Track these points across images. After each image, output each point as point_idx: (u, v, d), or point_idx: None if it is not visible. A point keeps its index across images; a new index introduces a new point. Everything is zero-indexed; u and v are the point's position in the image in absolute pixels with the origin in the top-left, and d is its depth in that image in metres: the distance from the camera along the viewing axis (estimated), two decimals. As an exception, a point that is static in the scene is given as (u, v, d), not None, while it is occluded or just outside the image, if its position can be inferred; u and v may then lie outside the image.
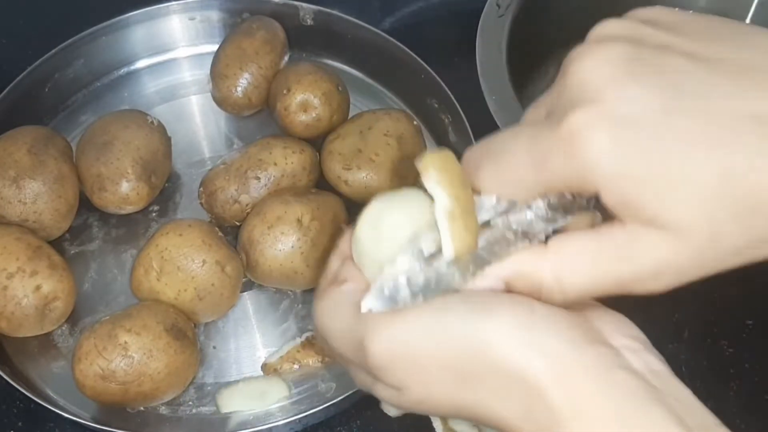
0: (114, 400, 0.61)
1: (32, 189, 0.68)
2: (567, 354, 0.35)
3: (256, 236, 0.67)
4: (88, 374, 0.60)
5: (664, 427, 0.33)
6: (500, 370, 0.35)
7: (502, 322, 0.35)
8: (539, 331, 0.35)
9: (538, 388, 0.34)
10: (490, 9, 0.76)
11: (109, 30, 0.82)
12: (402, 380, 0.38)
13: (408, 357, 0.37)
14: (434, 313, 0.37)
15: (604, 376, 0.34)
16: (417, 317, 0.37)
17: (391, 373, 0.37)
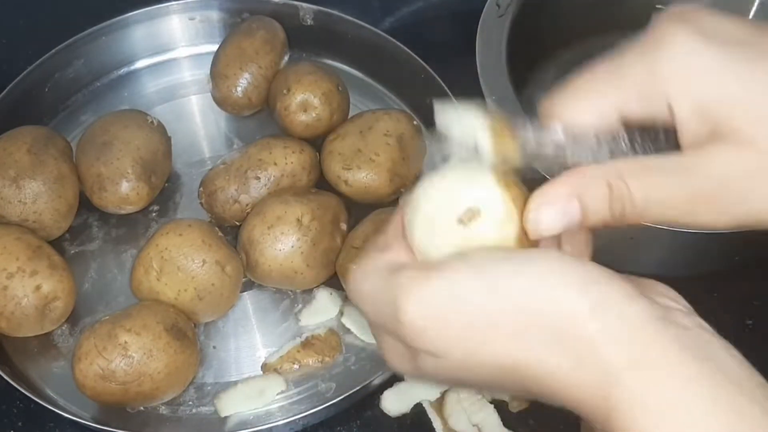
0: (114, 400, 0.61)
1: (32, 189, 0.68)
2: (622, 305, 0.34)
3: (256, 236, 0.67)
4: (88, 374, 0.60)
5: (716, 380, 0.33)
6: (553, 324, 0.34)
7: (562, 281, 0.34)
8: (594, 286, 0.34)
9: (591, 339, 0.33)
10: (490, 9, 0.76)
11: (109, 30, 0.82)
12: (441, 343, 0.36)
13: (451, 316, 0.35)
14: (477, 271, 0.35)
15: (659, 328, 0.34)
16: (458, 274, 0.35)
17: (430, 335, 0.36)
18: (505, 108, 0.68)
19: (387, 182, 0.71)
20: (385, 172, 0.71)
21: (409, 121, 0.74)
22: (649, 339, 0.33)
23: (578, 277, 0.34)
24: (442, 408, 0.65)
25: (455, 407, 0.64)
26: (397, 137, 0.72)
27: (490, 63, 0.71)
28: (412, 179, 0.74)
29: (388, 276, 0.37)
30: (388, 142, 0.72)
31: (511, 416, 0.64)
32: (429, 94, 0.78)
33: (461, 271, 0.35)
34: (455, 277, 0.35)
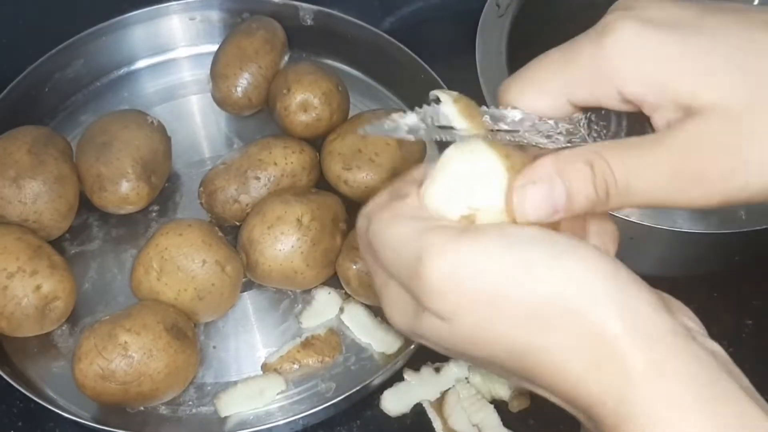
0: (114, 400, 0.61)
1: (32, 189, 0.68)
2: (645, 314, 0.34)
3: (256, 236, 0.67)
4: (88, 374, 0.60)
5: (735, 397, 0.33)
6: (577, 318, 0.33)
7: (588, 271, 0.34)
8: (624, 289, 0.34)
9: (613, 343, 0.33)
10: (490, 9, 0.76)
11: (109, 30, 0.82)
12: (456, 309, 0.35)
13: (472, 282, 0.34)
14: (513, 247, 0.35)
15: (682, 343, 0.33)
16: (491, 243, 0.35)
17: (446, 298, 0.35)
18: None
19: (387, 182, 0.71)
20: (385, 172, 0.71)
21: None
22: (671, 350, 0.33)
23: (610, 278, 0.34)
24: (441, 408, 0.65)
25: (455, 407, 0.64)
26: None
27: (490, 63, 0.72)
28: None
29: (419, 228, 0.36)
30: (388, 142, 0.72)
31: (511, 416, 0.64)
32: (428, 94, 0.78)
33: (496, 243, 0.35)
34: (489, 248, 0.35)
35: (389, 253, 0.37)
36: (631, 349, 0.33)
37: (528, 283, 0.34)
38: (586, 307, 0.33)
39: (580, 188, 0.36)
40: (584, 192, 0.36)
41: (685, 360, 0.33)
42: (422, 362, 0.66)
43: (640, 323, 0.33)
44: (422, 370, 0.66)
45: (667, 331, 0.34)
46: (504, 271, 0.34)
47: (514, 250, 0.35)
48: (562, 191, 0.36)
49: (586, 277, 0.34)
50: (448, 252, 0.35)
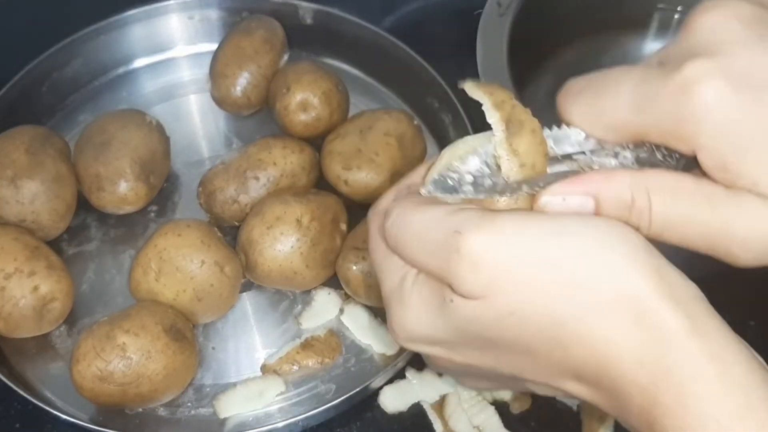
0: (112, 402, 0.61)
1: (30, 189, 0.68)
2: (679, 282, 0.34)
3: (256, 236, 0.66)
4: (86, 375, 0.60)
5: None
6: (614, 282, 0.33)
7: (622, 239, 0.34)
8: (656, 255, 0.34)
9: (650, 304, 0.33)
10: (490, 8, 0.75)
11: (108, 29, 0.81)
12: (491, 284, 0.34)
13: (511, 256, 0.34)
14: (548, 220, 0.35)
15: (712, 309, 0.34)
16: (527, 218, 0.35)
17: (485, 270, 0.34)
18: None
19: (387, 182, 0.71)
20: (385, 172, 0.71)
21: (409, 121, 0.74)
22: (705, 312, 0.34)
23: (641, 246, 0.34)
24: (442, 409, 0.64)
25: (456, 409, 0.64)
26: (397, 137, 0.72)
27: (490, 62, 0.71)
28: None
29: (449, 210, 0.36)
30: (388, 142, 0.71)
31: (512, 418, 0.64)
32: (429, 94, 0.78)
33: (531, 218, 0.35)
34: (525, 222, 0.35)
35: (416, 239, 0.36)
36: (668, 309, 0.33)
37: (565, 253, 0.34)
38: (622, 270, 0.33)
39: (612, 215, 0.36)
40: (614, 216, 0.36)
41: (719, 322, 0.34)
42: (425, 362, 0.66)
43: (674, 287, 0.34)
44: (425, 370, 0.66)
45: (697, 296, 0.34)
46: (541, 244, 0.34)
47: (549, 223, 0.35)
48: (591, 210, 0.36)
49: (620, 244, 0.34)
50: (485, 226, 0.34)
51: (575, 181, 0.36)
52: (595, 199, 0.36)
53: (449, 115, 0.76)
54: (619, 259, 0.34)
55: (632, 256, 0.34)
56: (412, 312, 0.38)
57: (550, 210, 0.36)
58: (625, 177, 0.36)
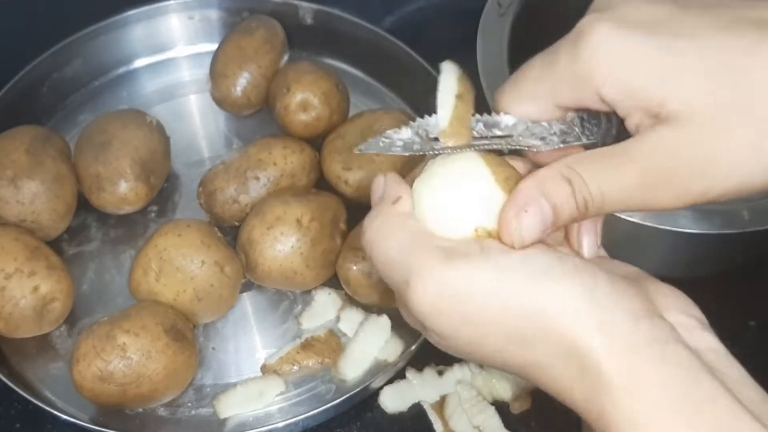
0: (112, 402, 0.61)
1: (30, 189, 0.68)
2: (624, 327, 0.35)
3: (256, 237, 0.66)
4: (86, 375, 0.60)
5: (714, 398, 0.34)
6: (557, 337, 0.35)
7: (564, 291, 0.36)
8: (600, 302, 0.35)
9: (591, 358, 0.35)
10: (491, 8, 0.75)
11: (108, 29, 0.81)
12: (446, 330, 0.37)
13: (460, 307, 0.36)
14: (497, 270, 0.36)
15: (658, 349, 0.35)
16: (477, 269, 0.36)
17: (436, 319, 0.37)
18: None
19: (387, 182, 0.71)
20: (385, 172, 0.70)
21: (409, 121, 0.74)
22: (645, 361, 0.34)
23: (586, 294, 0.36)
24: (442, 409, 0.64)
25: (456, 409, 0.64)
26: (398, 137, 0.72)
27: (491, 62, 0.71)
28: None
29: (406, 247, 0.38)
30: (388, 141, 0.71)
31: (513, 418, 0.64)
32: (429, 94, 0.78)
33: (480, 269, 0.37)
34: (473, 273, 0.37)
35: (382, 270, 0.40)
36: (608, 362, 0.34)
37: (515, 308, 0.36)
38: (565, 324, 0.35)
39: (564, 205, 0.38)
40: (567, 208, 0.38)
41: (662, 367, 0.34)
42: (426, 363, 0.66)
43: (617, 336, 0.35)
44: (425, 370, 0.66)
45: (645, 339, 0.35)
46: (491, 298, 0.36)
47: (498, 275, 0.36)
48: (549, 211, 0.38)
49: (563, 295, 0.36)
50: (433, 277, 0.37)
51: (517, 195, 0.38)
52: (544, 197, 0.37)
53: (449, 115, 0.76)
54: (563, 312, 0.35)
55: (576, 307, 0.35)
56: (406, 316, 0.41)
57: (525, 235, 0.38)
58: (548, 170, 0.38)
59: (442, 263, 0.37)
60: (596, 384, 0.35)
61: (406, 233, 0.39)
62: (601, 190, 0.37)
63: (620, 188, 0.37)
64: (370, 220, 0.41)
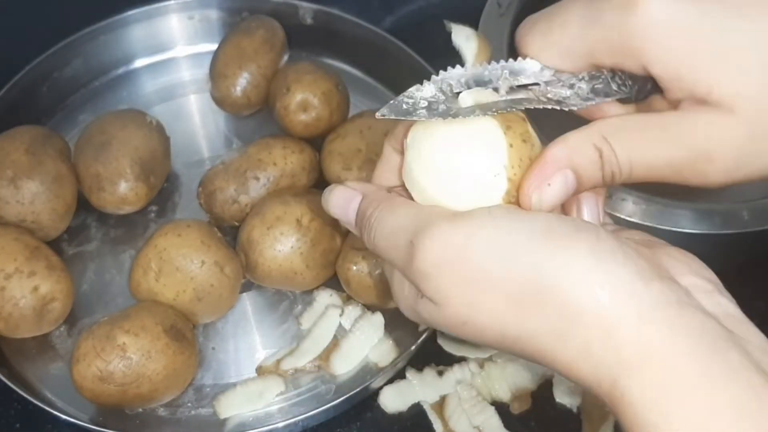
0: (112, 402, 0.61)
1: (30, 189, 0.68)
2: (636, 289, 0.32)
3: (256, 237, 0.66)
4: (87, 375, 0.60)
5: (739, 369, 0.31)
6: (564, 302, 0.33)
7: (571, 253, 0.33)
8: (608, 265, 0.33)
9: (602, 324, 0.32)
10: (490, 8, 0.75)
11: (108, 29, 0.81)
12: (445, 291, 0.35)
13: (460, 266, 0.35)
14: (498, 229, 0.35)
15: (673, 313, 0.32)
16: (479, 227, 0.35)
17: (436, 281, 0.35)
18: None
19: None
20: (385, 172, 0.71)
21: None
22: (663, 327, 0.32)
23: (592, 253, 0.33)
24: (442, 410, 0.64)
25: (456, 409, 0.64)
26: (398, 137, 0.72)
27: (490, 62, 0.71)
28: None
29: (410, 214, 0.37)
30: (388, 141, 0.71)
31: (512, 418, 0.64)
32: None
33: (484, 227, 0.35)
34: (477, 232, 0.35)
35: (384, 242, 0.38)
36: (620, 328, 0.32)
37: (513, 268, 0.34)
38: (570, 287, 0.33)
39: (590, 176, 0.36)
40: (593, 178, 0.36)
41: (678, 334, 0.31)
42: (426, 363, 0.66)
43: (627, 299, 0.32)
44: (425, 371, 0.66)
45: (658, 302, 0.32)
46: (490, 256, 0.34)
47: (500, 233, 0.35)
48: (573, 181, 0.36)
49: (567, 256, 0.33)
50: (437, 236, 0.35)
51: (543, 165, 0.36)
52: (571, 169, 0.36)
53: (449, 115, 0.76)
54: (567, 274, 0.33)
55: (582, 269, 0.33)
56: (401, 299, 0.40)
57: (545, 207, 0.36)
58: (580, 136, 0.37)
59: (447, 221, 0.35)
60: (606, 354, 0.32)
61: (407, 206, 0.38)
62: (631, 164, 0.36)
63: (650, 164, 0.36)
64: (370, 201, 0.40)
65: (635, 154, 0.36)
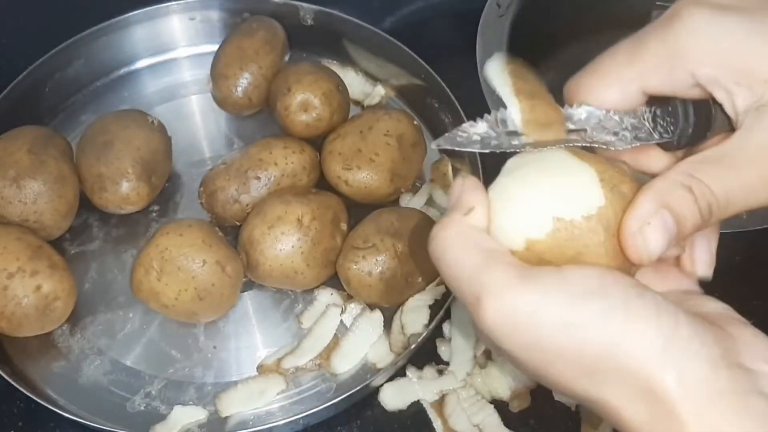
0: None
1: (32, 189, 0.68)
2: (703, 374, 0.33)
3: (257, 236, 0.66)
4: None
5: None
6: (631, 377, 0.33)
7: (644, 331, 0.34)
8: (679, 347, 0.33)
9: (667, 402, 0.33)
10: (490, 9, 0.76)
11: (110, 30, 0.82)
12: (516, 350, 0.35)
13: (529, 334, 0.35)
14: (569, 300, 0.34)
15: (739, 399, 0.33)
16: (549, 294, 0.35)
17: (504, 340, 0.35)
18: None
19: (387, 182, 0.71)
20: (385, 172, 0.71)
21: (409, 121, 0.74)
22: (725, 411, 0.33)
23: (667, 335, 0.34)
24: (442, 408, 0.64)
25: (455, 407, 0.64)
26: (397, 137, 0.72)
27: (490, 63, 0.71)
28: (413, 179, 0.74)
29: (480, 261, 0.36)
30: (388, 142, 0.72)
31: (512, 416, 0.64)
32: (429, 94, 0.78)
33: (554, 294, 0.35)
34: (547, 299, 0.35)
35: (451, 284, 0.38)
36: (686, 411, 0.33)
37: (587, 345, 0.34)
38: (640, 365, 0.33)
39: (687, 216, 0.36)
40: (691, 217, 0.36)
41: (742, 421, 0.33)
42: (426, 361, 0.66)
43: (696, 383, 0.33)
44: (425, 369, 0.66)
45: (725, 390, 0.33)
46: (563, 329, 0.34)
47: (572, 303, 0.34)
48: (672, 223, 0.36)
49: (640, 336, 0.34)
50: (505, 299, 0.35)
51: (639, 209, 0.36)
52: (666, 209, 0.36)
53: (449, 115, 0.76)
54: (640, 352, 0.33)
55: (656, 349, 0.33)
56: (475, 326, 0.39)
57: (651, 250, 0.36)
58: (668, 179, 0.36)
59: (516, 283, 0.35)
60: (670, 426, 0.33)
61: (478, 249, 0.37)
62: (727, 195, 0.36)
63: (743, 187, 0.36)
64: (440, 229, 0.38)
65: (728, 183, 0.36)
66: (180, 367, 0.67)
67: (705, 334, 0.34)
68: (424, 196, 0.75)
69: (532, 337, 0.35)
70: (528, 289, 0.35)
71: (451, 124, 0.76)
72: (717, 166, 0.36)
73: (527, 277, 0.35)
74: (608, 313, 0.34)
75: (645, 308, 0.34)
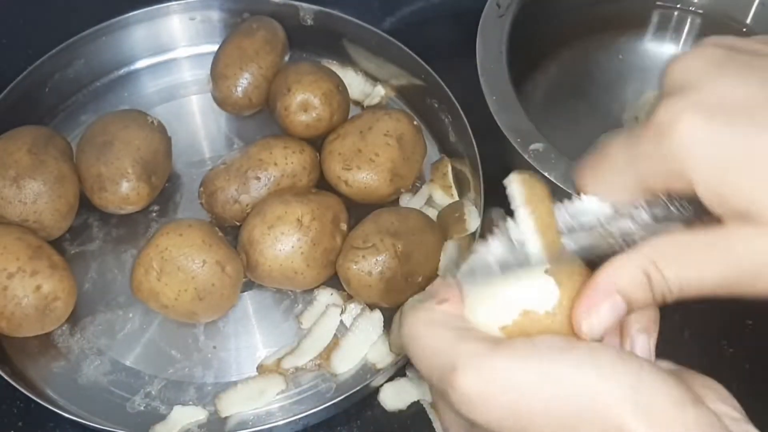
0: None
1: (32, 189, 0.68)
2: (671, 415, 0.34)
3: (257, 236, 0.67)
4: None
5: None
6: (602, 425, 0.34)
7: (612, 380, 0.35)
8: (647, 392, 0.35)
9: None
10: (490, 9, 0.76)
11: (110, 30, 0.82)
12: (489, 420, 0.36)
13: (507, 396, 0.36)
14: (542, 357, 0.36)
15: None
16: (520, 359, 0.36)
17: (478, 410, 0.36)
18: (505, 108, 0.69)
19: (387, 182, 0.71)
20: (385, 172, 0.71)
21: (409, 121, 0.74)
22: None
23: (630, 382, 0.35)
24: (442, 408, 0.64)
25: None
26: (397, 137, 0.72)
27: (490, 63, 0.72)
28: (413, 179, 0.74)
29: (453, 337, 0.38)
30: (388, 142, 0.72)
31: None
32: (429, 94, 0.78)
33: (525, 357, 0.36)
34: (520, 362, 0.36)
35: (424, 363, 0.39)
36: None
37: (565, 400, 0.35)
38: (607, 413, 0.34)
39: (639, 299, 0.37)
40: (643, 301, 0.37)
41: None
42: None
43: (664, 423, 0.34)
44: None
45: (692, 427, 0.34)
46: (536, 384, 0.35)
47: (544, 361, 0.36)
48: (623, 306, 0.37)
49: (606, 384, 0.35)
50: (481, 366, 0.36)
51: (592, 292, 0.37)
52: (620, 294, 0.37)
53: (449, 115, 0.76)
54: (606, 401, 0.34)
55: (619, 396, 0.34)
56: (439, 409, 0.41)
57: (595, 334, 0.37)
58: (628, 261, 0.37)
59: (491, 350, 0.36)
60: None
61: (450, 327, 0.38)
62: (681, 284, 0.37)
63: (701, 281, 0.37)
64: (413, 311, 0.40)
65: (684, 276, 0.37)
66: (180, 367, 0.67)
67: (668, 378, 0.36)
68: (424, 196, 0.75)
69: (509, 401, 0.36)
70: (503, 354, 0.36)
71: (451, 124, 0.76)
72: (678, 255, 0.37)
73: (500, 345, 0.37)
74: (579, 365, 0.35)
75: (609, 357, 0.36)
